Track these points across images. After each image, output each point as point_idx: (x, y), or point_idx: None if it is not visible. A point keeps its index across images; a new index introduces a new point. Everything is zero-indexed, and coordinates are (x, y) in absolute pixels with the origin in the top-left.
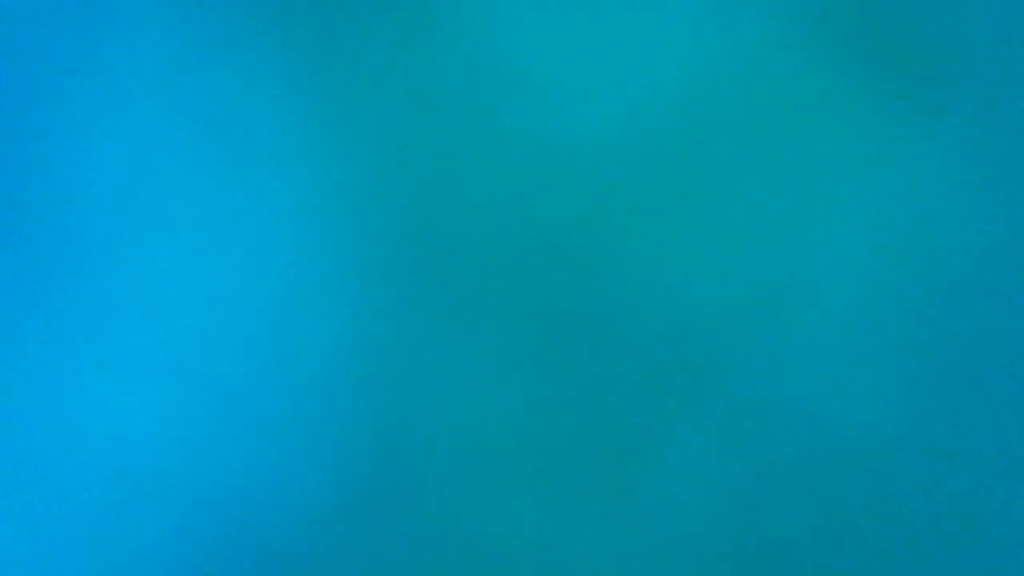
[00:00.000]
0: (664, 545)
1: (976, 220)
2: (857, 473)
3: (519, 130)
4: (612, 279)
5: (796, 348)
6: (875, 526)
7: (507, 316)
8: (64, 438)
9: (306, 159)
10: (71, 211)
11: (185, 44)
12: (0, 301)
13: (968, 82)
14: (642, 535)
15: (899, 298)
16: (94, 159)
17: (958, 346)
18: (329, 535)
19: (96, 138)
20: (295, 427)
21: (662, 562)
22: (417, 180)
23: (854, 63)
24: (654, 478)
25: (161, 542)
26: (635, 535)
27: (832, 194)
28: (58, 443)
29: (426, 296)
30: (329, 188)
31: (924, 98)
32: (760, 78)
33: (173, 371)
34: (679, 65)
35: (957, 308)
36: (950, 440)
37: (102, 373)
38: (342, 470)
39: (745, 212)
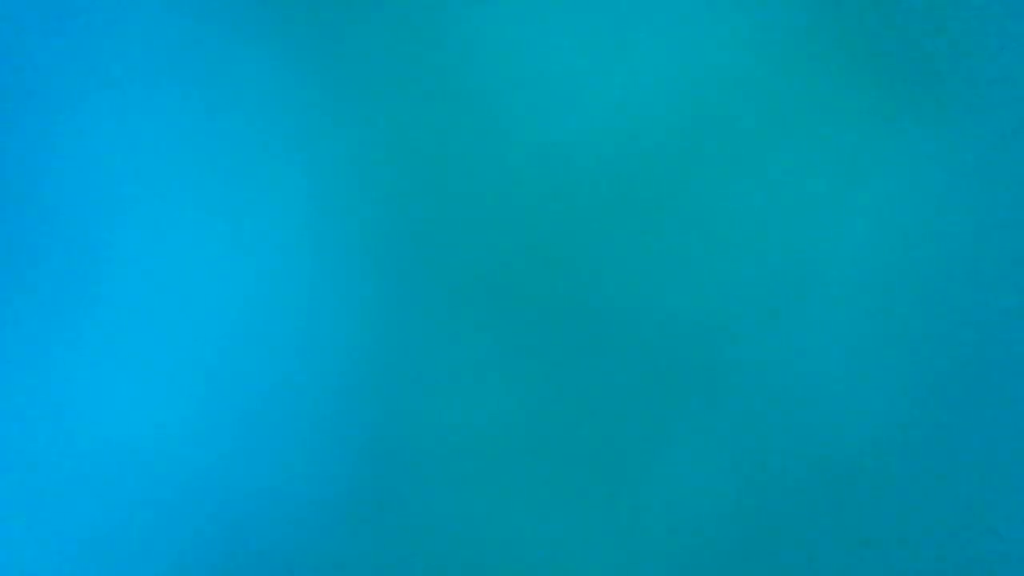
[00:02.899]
0: (664, 545)
1: (977, 220)
2: (858, 473)
3: (520, 131)
4: (613, 279)
5: (797, 349)
6: (877, 526)
7: (507, 316)
8: (66, 437)
9: (306, 161)
10: (74, 210)
11: (189, 41)
12: (4, 300)
13: (968, 83)
14: (642, 535)
15: (900, 299)
16: (96, 157)
17: (960, 347)
18: (326, 533)
19: (98, 136)
20: (292, 426)
21: (662, 562)
22: (418, 180)
23: (854, 64)
24: (654, 478)
25: (157, 540)
26: (635, 535)
27: (833, 195)
28: (59, 442)
29: (426, 295)
30: (328, 189)
31: (924, 99)
32: (760, 79)
33: (169, 369)
34: (680, 66)
35: (958, 308)
36: (952, 441)
37: (100, 370)
38: (340, 468)
39: (745, 213)
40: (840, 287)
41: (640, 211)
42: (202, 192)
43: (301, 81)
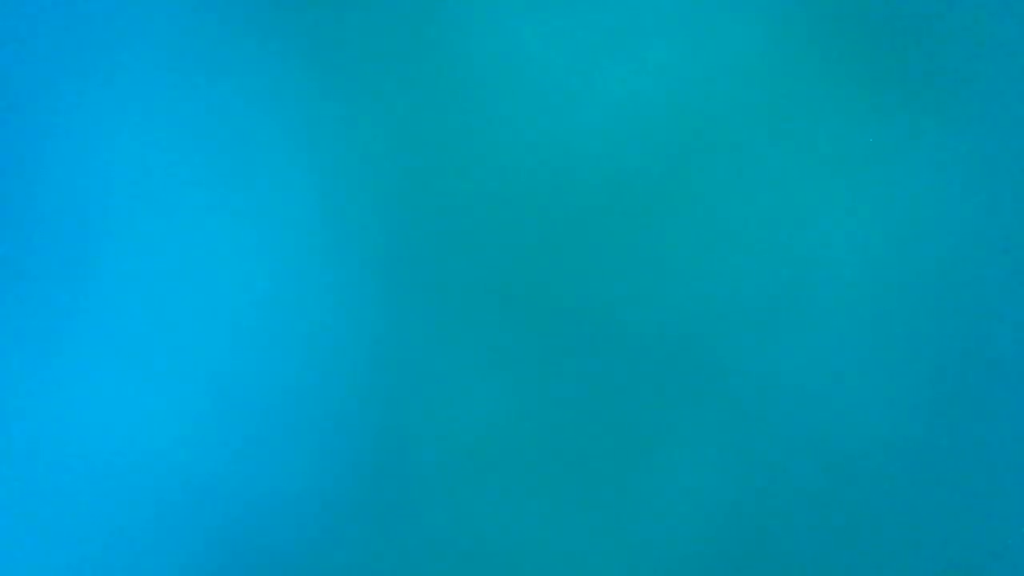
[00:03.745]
0: (664, 545)
1: (978, 219)
2: (858, 473)
3: (519, 131)
4: (612, 279)
5: (797, 348)
6: (876, 527)
7: (507, 315)
8: (70, 441)
9: (309, 161)
10: (77, 211)
11: (194, 39)
12: (9, 302)
13: (968, 82)
14: (642, 535)
15: (900, 298)
16: (100, 157)
17: (959, 346)
18: (326, 534)
19: (102, 136)
20: (293, 426)
21: (662, 562)
22: (417, 180)
23: (854, 63)
24: (654, 478)
25: (158, 542)
26: (635, 535)
27: (832, 193)
28: (64, 446)
29: (427, 295)
30: (329, 188)
31: (924, 98)
32: (760, 78)
33: (170, 370)
34: (680, 65)
35: (958, 308)
36: (951, 440)
37: (103, 370)
38: (340, 469)
39: (745, 212)
40: (840, 287)
41: (641, 212)
42: (204, 194)
43: (305, 80)
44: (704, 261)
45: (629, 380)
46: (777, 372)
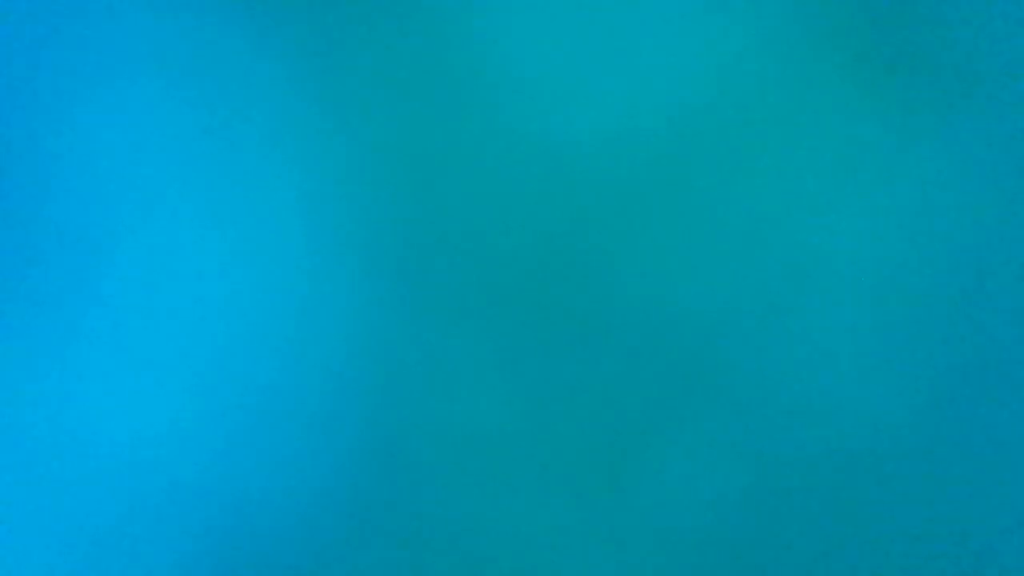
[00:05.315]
0: (663, 545)
1: (978, 221)
2: (858, 473)
3: (519, 131)
4: (612, 279)
5: (797, 349)
6: (877, 525)
7: (507, 315)
8: (60, 437)
9: (304, 159)
10: (69, 210)
11: (187, 40)
12: (2, 299)
13: (969, 83)
14: (643, 533)
15: (901, 299)
16: (91, 157)
17: (960, 347)
18: (322, 533)
19: (94, 136)
20: (289, 426)
21: (662, 562)
22: (416, 180)
23: (854, 64)
24: (654, 478)
25: (158, 542)
26: (634, 535)
27: (835, 193)
28: (54, 442)
29: (426, 295)
30: (327, 188)
31: (925, 98)
32: (760, 79)
33: (171, 369)
34: (681, 65)
35: (959, 309)
36: (952, 440)
37: (95, 371)
38: (338, 469)
39: (745, 213)
40: (843, 285)
41: (641, 210)
42: (197, 192)
43: (299, 79)
44: (705, 260)
45: (630, 379)
46: (778, 371)
